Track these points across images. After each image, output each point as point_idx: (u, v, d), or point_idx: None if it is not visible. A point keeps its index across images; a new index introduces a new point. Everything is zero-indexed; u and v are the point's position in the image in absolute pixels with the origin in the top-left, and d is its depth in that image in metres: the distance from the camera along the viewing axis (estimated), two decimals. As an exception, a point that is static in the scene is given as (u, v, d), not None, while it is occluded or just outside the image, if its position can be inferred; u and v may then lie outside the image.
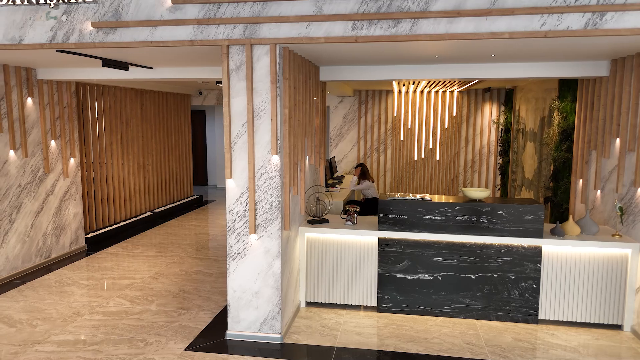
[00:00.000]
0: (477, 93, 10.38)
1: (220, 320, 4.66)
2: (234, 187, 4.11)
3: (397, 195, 4.80)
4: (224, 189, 13.43)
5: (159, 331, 4.41)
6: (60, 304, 5.03)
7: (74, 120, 6.82)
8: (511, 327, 4.52)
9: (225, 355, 3.98)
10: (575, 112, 5.78)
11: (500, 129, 10.24)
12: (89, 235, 7.38)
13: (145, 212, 9.28)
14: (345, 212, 5.07)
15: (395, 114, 10.63)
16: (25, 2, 4.10)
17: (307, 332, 4.40)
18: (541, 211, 4.44)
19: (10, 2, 4.12)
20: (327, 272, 4.91)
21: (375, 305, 4.88)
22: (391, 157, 10.79)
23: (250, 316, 4.24)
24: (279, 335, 4.21)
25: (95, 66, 5.55)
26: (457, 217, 4.59)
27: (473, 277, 4.64)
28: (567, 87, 6.17)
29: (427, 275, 4.73)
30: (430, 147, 10.62)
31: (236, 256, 4.19)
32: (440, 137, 10.56)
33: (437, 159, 10.65)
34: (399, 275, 4.78)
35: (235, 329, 4.28)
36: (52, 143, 6.42)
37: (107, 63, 4.97)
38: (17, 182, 5.86)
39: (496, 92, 10.26)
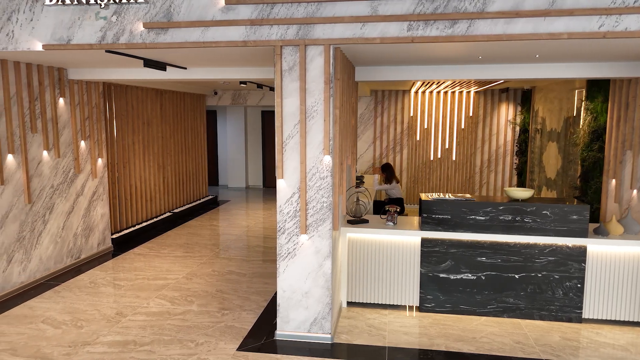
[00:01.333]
0: (493, 93, 10.42)
1: (265, 320, 4.66)
2: (284, 187, 4.12)
3: (439, 196, 4.81)
4: (235, 189, 13.43)
5: (206, 331, 4.40)
6: (100, 304, 5.01)
7: (102, 121, 6.80)
8: (556, 326, 4.54)
9: (278, 356, 3.98)
10: (607, 112, 5.82)
11: (517, 129, 10.28)
12: (114, 236, 7.35)
13: (165, 213, 9.26)
14: (385, 212, 5.08)
15: (411, 114, 10.65)
16: (75, 2, 4.09)
17: (354, 332, 4.41)
18: (586, 211, 4.46)
19: (59, 2, 4.10)
20: (369, 272, 4.92)
21: (417, 305, 4.89)
22: (407, 157, 10.81)
23: (300, 316, 4.24)
24: (329, 335, 4.21)
25: (132, 66, 5.54)
26: (502, 217, 4.61)
27: (517, 276, 4.66)
28: (598, 88, 6.21)
29: (470, 275, 4.75)
30: (447, 147, 10.65)
31: (286, 256, 4.19)
32: (456, 137, 10.59)
33: (454, 159, 10.68)
34: (441, 275, 4.80)
35: (285, 329, 4.28)
36: (82, 143, 6.39)
37: (148, 63, 4.96)
38: (50, 182, 5.83)
39: (512, 92, 10.29)
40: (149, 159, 8.65)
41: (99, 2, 4.05)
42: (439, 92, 10.50)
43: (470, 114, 10.49)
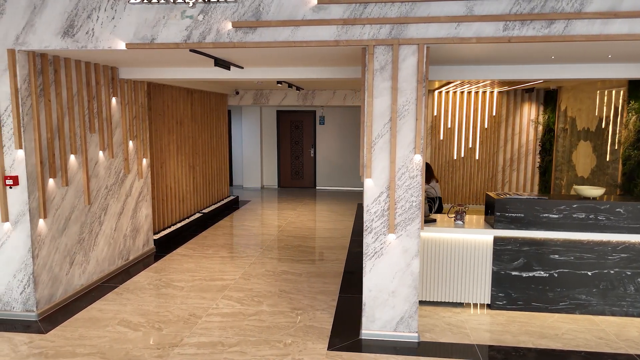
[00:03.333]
0: (516, 93, 10.54)
1: (342, 319, 4.66)
2: (372, 186, 4.12)
3: (511, 194, 4.86)
4: (251, 189, 13.37)
5: (288, 332, 4.39)
6: (169, 306, 4.96)
7: (146, 120, 6.72)
8: (629, 322, 4.62)
9: (371, 355, 3.99)
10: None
11: (540, 129, 10.42)
12: (155, 237, 7.27)
13: (195, 213, 9.18)
14: (455, 212, 5.11)
15: (435, 114, 10.71)
16: (162, 1, 4.04)
17: (436, 330, 4.43)
18: (660, 208, 4.55)
19: (144, 1, 4.05)
20: (439, 271, 4.94)
21: (489, 303, 4.94)
22: (431, 156, 10.87)
23: (386, 315, 4.25)
24: (415, 334, 4.23)
25: (198, 66, 5.47)
26: (575, 215, 4.67)
27: (589, 273, 4.73)
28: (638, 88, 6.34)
29: (542, 273, 4.80)
30: (470, 146, 10.74)
31: (373, 255, 4.20)
32: (479, 137, 10.69)
33: (477, 158, 10.77)
34: (513, 273, 4.85)
35: (370, 328, 4.28)
36: (130, 143, 6.31)
37: (218, 63, 4.92)
38: (104, 183, 5.75)
39: (535, 92, 10.42)
40: (181, 159, 8.58)
41: (187, 0, 4.01)
42: (462, 92, 10.58)
43: (494, 114, 10.60)
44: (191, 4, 4.02)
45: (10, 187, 4.44)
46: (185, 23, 4.10)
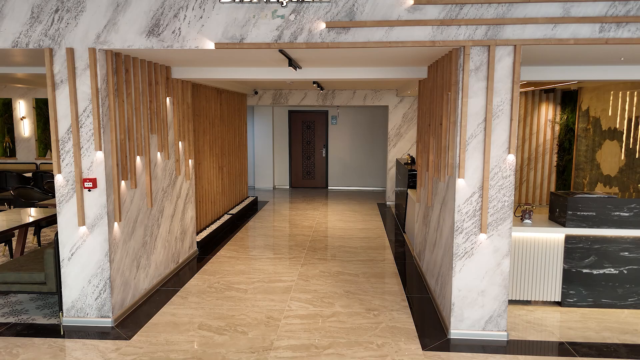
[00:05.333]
0: (534, 94, 10.72)
1: (421, 319, 4.67)
2: (464, 187, 4.14)
3: (580, 193, 4.95)
4: (263, 190, 13.29)
5: (375, 333, 4.38)
6: (242, 309, 4.89)
7: (191, 121, 6.61)
8: (699, 316, 4.76)
9: (471, 354, 4.01)
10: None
11: (558, 128, 10.62)
12: (197, 239, 7.17)
13: (223, 215, 9.08)
14: (522, 210, 5.17)
15: (455, 114, 10.81)
16: (254, 0, 3.98)
17: (518, 329, 4.48)
18: None
19: (236, 0, 3.99)
20: (510, 269, 4.99)
21: (559, 300, 5.01)
22: (450, 156, 10.97)
23: (475, 315, 4.28)
24: (504, 333, 4.27)
25: (263, 66, 5.41)
26: (645, 213, 4.79)
27: (659, 269, 4.85)
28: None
29: (612, 270, 4.90)
30: (489, 145, 10.86)
31: (463, 255, 4.22)
32: (499, 136, 10.82)
33: (496, 157, 10.90)
34: (584, 271, 4.93)
35: (458, 328, 4.30)
36: (180, 144, 6.20)
37: (291, 63, 4.87)
38: (161, 185, 5.64)
39: (552, 92, 10.62)
40: (213, 160, 8.47)
41: (280, 0, 3.96)
42: (482, 92, 10.70)
43: (513, 114, 10.74)
44: (284, 3, 3.98)
45: (89, 190, 4.32)
46: (276, 23, 4.05)
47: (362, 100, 11.21)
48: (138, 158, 5.00)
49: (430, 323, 4.61)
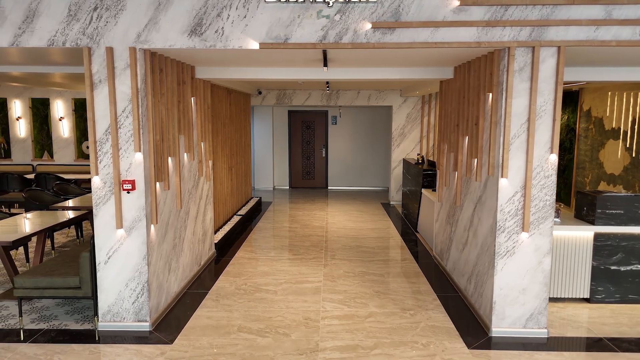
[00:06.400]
0: (535, 94, 10.89)
1: (458, 318, 4.71)
2: (506, 186, 4.19)
3: (614, 192, 5.05)
4: (263, 190, 13.22)
5: (416, 332, 4.39)
6: (276, 311, 4.85)
7: (211, 121, 6.54)
8: None
9: (518, 352, 4.05)
10: None
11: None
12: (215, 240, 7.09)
13: (233, 216, 9.00)
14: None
15: (458, 114, 10.92)
16: (300, 0, 3.96)
17: (555, 325, 4.55)
18: None
19: (281, 0, 3.96)
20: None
21: (587, 297, 5.11)
22: (453, 156, 11.08)
23: (516, 312, 4.33)
24: (545, 330, 4.33)
25: (290, 66, 5.39)
26: (672, 211, 4.91)
27: (684, 265, 4.98)
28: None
29: (639, 266, 5.02)
30: (492, 145, 11.00)
31: (505, 254, 4.27)
32: (501, 136, 10.97)
33: (498, 156, 11.05)
34: (612, 268, 5.04)
35: (500, 326, 4.35)
36: (202, 145, 6.13)
37: (325, 63, 4.86)
38: (187, 186, 5.56)
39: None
40: (224, 161, 8.39)
41: (326, 0, 3.95)
42: (484, 93, 10.84)
43: (514, 114, 10.90)
44: (331, 4, 3.96)
45: (128, 192, 4.24)
46: (321, 23, 4.03)
47: (366, 101, 11.24)
48: (170, 159, 4.92)
49: (467, 321, 4.65)
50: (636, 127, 8.12)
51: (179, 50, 4.26)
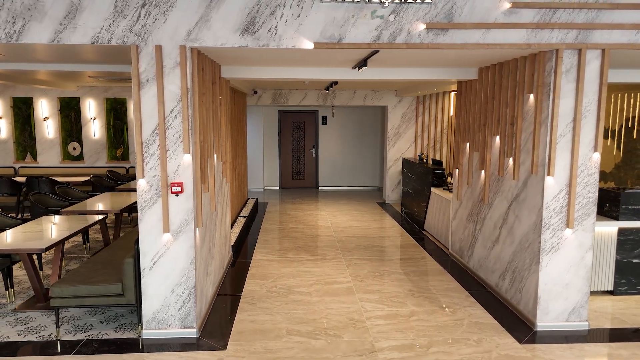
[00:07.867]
0: (525, 94, 11.24)
1: (498, 314, 4.81)
2: (552, 184, 4.31)
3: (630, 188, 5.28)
4: (254, 191, 13.09)
5: (463, 329, 4.46)
6: (317, 312, 4.82)
7: (229, 121, 6.42)
8: None
9: (568, 345, 4.18)
10: None
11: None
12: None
13: (237, 217, 8.87)
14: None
15: (451, 114, 11.14)
16: (355, 0, 3.95)
17: (589, 318, 4.72)
18: None
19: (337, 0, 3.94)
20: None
21: (611, 290, 5.32)
22: (446, 155, 11.29)
23: (559, 307, 4.46)
24: (586, 322, 4.49)
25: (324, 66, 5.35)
26: (690, 206, 5.18)
27: (701, 257, 5.27)
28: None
29: (660, 259, 5.28)
30: (484, 144, 11.29)
31: (549, 250, 4.39)
32: (492, 135, 11.26)
33: (489, 155, 11.34)
34: (634, 261, 5.27)
35: (544, 320, 4.48)
36: (226, 146, 6.01)
37: (365, 63, 4.86)
38: (216, 187, 5.43)
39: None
40: (230, 161, 8.25)
41: (382, 0, 3.95)
42: (477, 93, 11.11)
43: (505, 114, 11.22)
44: (387, 4, 3.97)
45: (177, 195, 4.11)
46: (375, 23, 4.03)
47: (362, 101, 11.30)
48: (208, 160, 4.81)
49: (507, 317, 4.76)
50: (628, 126, 8.51)
51: (222, 49, 4.15)
